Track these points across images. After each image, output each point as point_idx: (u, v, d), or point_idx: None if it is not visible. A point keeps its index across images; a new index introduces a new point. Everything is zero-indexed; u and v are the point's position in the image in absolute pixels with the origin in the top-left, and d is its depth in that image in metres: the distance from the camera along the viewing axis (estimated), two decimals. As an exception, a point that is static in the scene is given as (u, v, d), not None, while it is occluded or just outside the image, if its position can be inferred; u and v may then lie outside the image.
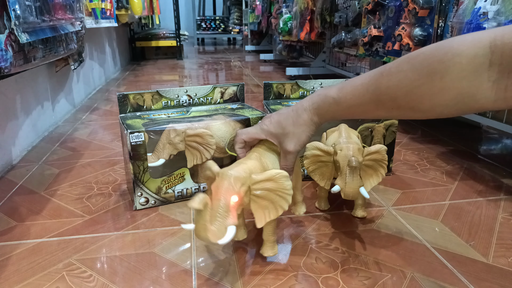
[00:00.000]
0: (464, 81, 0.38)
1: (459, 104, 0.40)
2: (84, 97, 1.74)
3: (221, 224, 0.46)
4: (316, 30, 1.94)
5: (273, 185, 0.51)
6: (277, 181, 0.51)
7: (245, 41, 4.24)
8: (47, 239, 0.64)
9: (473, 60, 0.38)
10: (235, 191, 0.48)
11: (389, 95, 0.44)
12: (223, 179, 0.49)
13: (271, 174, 0.51)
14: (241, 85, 0.88)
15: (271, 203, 0.52)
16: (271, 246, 0.58)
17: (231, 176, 0.49)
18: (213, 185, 0.50)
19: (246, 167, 0.52)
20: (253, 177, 0.51)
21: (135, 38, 3.18)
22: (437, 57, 0.40)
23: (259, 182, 0.51)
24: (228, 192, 0.48)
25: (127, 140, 0.68)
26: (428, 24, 1.02)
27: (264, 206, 0.52)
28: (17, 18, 0.77)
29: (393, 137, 0.86)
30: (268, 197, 0.52)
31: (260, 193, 0.51)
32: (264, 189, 0.51)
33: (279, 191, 0.52)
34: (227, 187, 0.48)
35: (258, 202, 0.52)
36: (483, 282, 0.53)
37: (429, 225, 0.68)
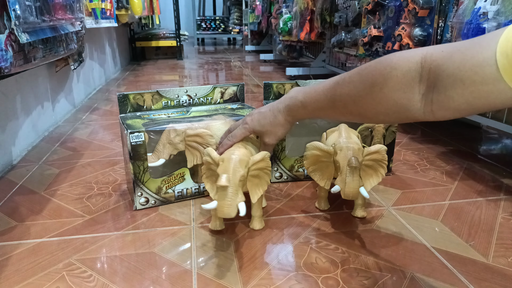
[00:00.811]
0: (399, 92, 0.43)
1: (396, 113, 0.44)
2: (84, 97, 1.74)
3: (233, 202, 0.54)
4: (316, 30, 1.95)
5: (263, 164, 0.60)
6: (266, 160, 0.60)
7: (245, 41, 4.24)
8: (47, 239, 0.64)
9: (407, 74, 0.42)
10: (241, 172, 0.55)
11: (342, 102, 0.50)
12: (230, 162, 0.56)
13: (263, 155, 0.60)
14: (241, 85, 0.88)
15: (260, 180, 0.61)
16: (259, 221, 0.67)
17: (237, 159, 0.56)
18: (221, 168, 0.56)
19: (244, 152, 0.59)
20: (252, 159, 0.59)
21: (135, 38, 3.18)
22: (379, 70, 0.44)
23: (256, 163, 0.59)
24: (236, 172, 0.55)
25: (127, 140, 0.68)
26: (428, 24, 1.02)
27: (256, 183, 0.61)
28: (17, 18, 0.77)
29: (393, 137, 0.86)
30: (259, 175, 0.60)
31: (254, 173, 0.59)
32: (257, 169, 0.60)
33: (266, 168, 0.61)
34: (235, 169, 0.55)
35: (252, 181, 0.60)
36: (483, 282, 0.53)
37: (429, 225, 0.68)
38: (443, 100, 0.39)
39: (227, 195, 0.53)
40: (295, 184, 0.85)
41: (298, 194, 0.80)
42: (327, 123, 0.83)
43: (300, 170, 0.85)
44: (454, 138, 1.15)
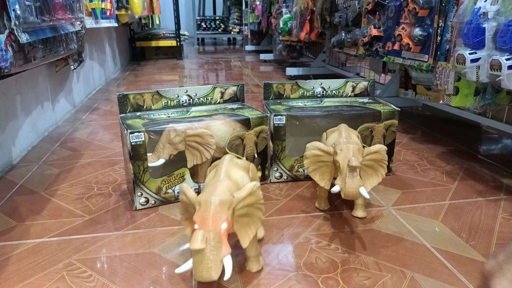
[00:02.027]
0: None
1: None
2: (84, 97, 1.74)
3: (216, 257, 0.43)
4: (316, 30, 1.94)
5: (252, 199, 0.49)
6: (255, 194, 0.49)
7: (245, 41, 4.24)
8: (47, 239, 0.64)
9: None
10: (223, 217, 0.44)
11: None
12: (208, 207, 0.45)
13: (250, 189, 0.48)
14: (241, 85, 0.88)
15: (250, 218, 0.49)
16: (256, 261, 0.56)
17: (216, 202, 0.45)
18: (197, 215, 0.45)
19: (225, 187, 0.48)
20: (237, 196, 0.47)
21: (135, 38, 3.17)
22: None
23: (242, 200, 0.48)
24: (217, 220, 0.44)
25: (127, 140, 0.68)
26: (428, 24, 1.02)
27: (245, 223, 0.49)
28: (17, 18, 0.77)
29: (393, 137, 0.86)
30: (248, 212, 0.49)
31: (242, 212, 0.48)
32: (246, 206, 0.48)
33: (256, 203, 0.50)
34: (215, 215, 0.44)
35: (240, 221, 0.48)
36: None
37: (429, 225, 0.68)
38: None
39: (204, 257, 0.42)
40: (295, 184, 0.85)
41: (298, 194, 0.80)
42: (327, 123, 0.83)
43: (300, 170, 0.85)
44: (454, 138, 1.15)
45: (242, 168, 0.57)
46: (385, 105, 0.86)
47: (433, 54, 1.00)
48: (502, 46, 0.71)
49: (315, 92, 0.90)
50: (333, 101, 0.90)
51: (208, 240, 0.43)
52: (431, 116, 1.41)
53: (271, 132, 0.81)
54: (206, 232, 0.43)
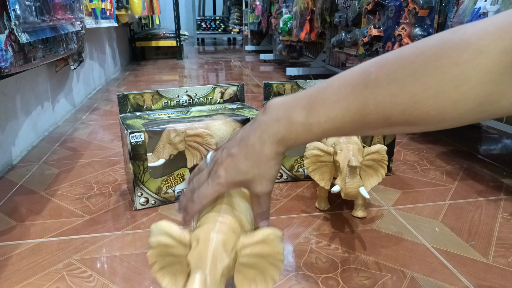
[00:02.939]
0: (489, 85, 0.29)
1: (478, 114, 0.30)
2: (84, 97, 1.74)
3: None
4: (316, 30, 1.95)
5: (265, 249, 0.37)
6: (270, 244, 0.37)
7: (245, 41, 4.24)
8: (47, 239, 0.64)
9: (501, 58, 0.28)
10: (225, 262, 0.35)
11: (380, 114, 0.33)
12: (206, 245, 0.35)
13: (265, 235, 0.37)
14: (241, 85, 0.88)
15: (260, 274, 0.38)
16: None
17: (218, 242, 0.35)
18: (192, 255, 0.35)
19: (229, 225, 0.38)
20: (243, 241, 0.37)
21: (135, 38, 3.18)
22: (449, 58, 0.29)
23: (250, 246, 0.37)
24: (217, 264, 0.34)
25: (127, 140, 0.68)
26: (428, 24, 1.02)
27: (251, 278, 0.38)
28: (17, 18, 0.77)
29: (393, 137, 0.86)
30: (257, 265, 0.37)
31: (248, 261, 0.37)
32: (254, 255, 0.37)
33: (272, 256, 0.37)
34: (215, 257, 0.34)
35: (244, 273, 0.37)
36: (483, 282, 0.53)
37: (429, 225, 0.68)
38: None
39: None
40: (295, 184, 0.85)
41: (298, 194, 0.80)
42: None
43: (300, 170, 0.85)
44: (454, 138, 1.15)
45: (247, 198, 0.44)
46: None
47: (433, 54, 1.00)
48: (502, 46, 0.71)
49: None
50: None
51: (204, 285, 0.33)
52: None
53: None
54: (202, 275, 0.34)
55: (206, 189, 0.41)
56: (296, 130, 0.37)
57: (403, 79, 0.31)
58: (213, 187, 0.40)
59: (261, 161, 0.39)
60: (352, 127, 0.35)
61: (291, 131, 0.37)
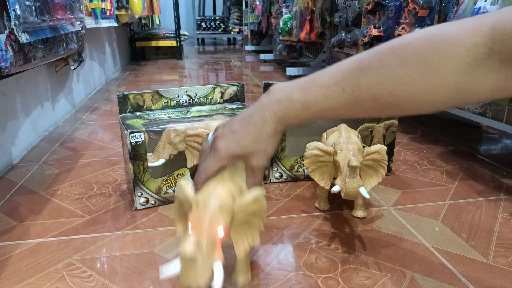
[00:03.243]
0: (461, 74, 0.34)
1: (454, 99, 0.36)
2: (84, 97, 1.74)
3: (207, 265, 0.39)
4: (316, 30, 1.95)
5: (255, 207, 0.44)
6: (259, 202, 0.45)
7: (245, 41, 4.24)
8: (47, 239, 0.64)
9: (472, 50, 0.33)
10: (221, 222, 0.40)
11: (371, 95, 0.38)
12: (205, 209, 0.41)
13: (255, 196, 0.44)
14: (241, 85, 0.88)
15: (250, 228, 0.46)
16: (245, 272, 0.52)
17: (216, 206, 0.41)
18: (193, 216, 0.41)
19: (228, 190, 0.44)
20: (239, 202, 0.43)
21: (135, 38, 3.18)
22: (431, 48, 0.35)
23: (245, 206, 0.43)
24: (214, 224, 0.40)
25: (127, 140, 0.68)
26: (428, 24, 1.02)
27: (244, 232, 0.45)
28: (17, 18, 0.77)
29: (393, 137, 0.86)
30: (248, 221, 0.45)
31: (242, 219, 0.44)
32: (247, 213, 0.44)
33: (259, 212, 0.45)
34: (212, 219, 0.40)
35: (237, 229, 0.44)
36: (483, 282, 0.53)
37: (429, 225, 0.68)
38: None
39: (194, 264, 0.38)
40: (295, 184, 0.85)
41: (298, 194, 0.80)
42: (327, 123, 0.83)
43: (300, 170, 0.85)
44: (454, 138, 1.15)
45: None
46: None
47: (433, 54, 1.00)
48: (502, 46, 0.71)
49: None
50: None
51: (201, 245, 0.39)
52: (431, 116, 1.41)
53: None
54: (200, 236, 0.39)
55: (209, 162, 0.46)
56: (296, 108, 0.42)
57: (393, 64, 0.36)
58: (214, 159, 0.46)
59: (260, 138, 0.44)
60: (346, 107, 0.40)
61: (291, 110, 0.42)
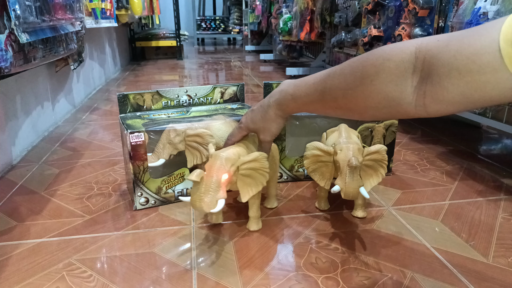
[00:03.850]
0: (391, 84, 0.41)
1: (387, 107, 0.43)
2: (84, 97, 1.74)
3: (212, 197, 0.54)
4: (316, 30, 1.95)
5: (256, 165, 0.60)
6: (259, 161, 0.60)
7: (245, 41, 4.23)
8: (47, 239, 0.64)
9: (400, 65, 0.40)
10: (226, 169, 0.56)
11: (331, 95, 0.48)
12: (216, 159, 0.56)
13: (255, 156, 0.60)
14: (241, 85, 0.88)
15: (253, 180, 0.60)
16: (256, 222, 0.67)
17: (223, 157, 0.57)
18: (207, 164, 0.57)
19: (236, 151, 0.60)
20: (242, 158, 0.59)
21: (135, 38, 3.17)
22: (371, 61, 0.43)
23: (246, 163, 0.59)
24: (220, 170, 0.55)
25: (127, 140, 0.68)
26: (428, 24, 1.02)
27: (248, 183, 0.60)
28: (17, 18, 0.77)
29: (393, 137, 0.86)
30: (252, 175, 0.60)
31: (245, 172, 0.59)
32: (249, 169, 0.59)
33: (260, 169, 0.60)
34: (219, 166, 0.56)
35: (243, 180, 0.60)
36: (483, 282, 0.53)
37: (429, 225, 0.68)
38: (437, 91, 0.37)
39: (200, 189, 0.54)
40: (295, 184, 0.85)
41: (298, 194, 0.80)
42: (327, 123, 0.83)
43: (300, 170, 0.85)
44: (454, 138, 1.15)
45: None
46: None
47: (433, 54, 1.00)
48: (502, 46, 0.71)
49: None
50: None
51: (210, 183, 0.54)
52: (431, 116, 1.41)
53: None
54: (209, 177, 0.54)
55: (234, 131, 0.66)
56: (288, 99, 0.56)
57: (346, 72, 0.46)
58: (238, 129, 0.65)
59: (266, 118, 0.60)
60: (317, 104, 0.52)
61: (285, 100, 0.56)
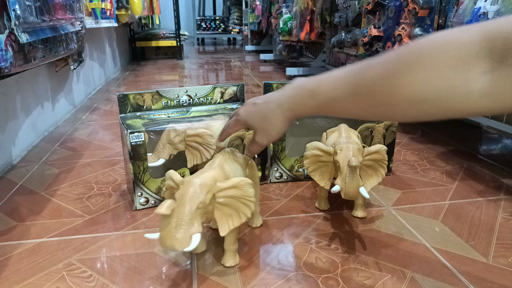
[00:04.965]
0: (451, 71, 0.35)
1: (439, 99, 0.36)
2: (84, 97, 1.74)
3: (186, 232, 0.46)
4: (316, 30, 1.95)
5: (237, 192, 0.51)
6: (241, 188, 0.51)
7: (245, 41, 4.23)
8: (47, 239, 0.64)
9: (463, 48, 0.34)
10: (200, 198, 0.48)
11: (368, 88, 0.41)
12: (189, 187, 0.48)
13: (235, 182, 0.51)
14: (241, 85, 0.88)
15: (234, 211, 0.52)
16: (232, 256, 0.57)
17: (197, 184, 0.49)
18: (178, 193, 0.49)
19: (210, 175, 0.51)
20: (218, 184, 0.50)
21: (135, 38, 3.17)
22: (425, 46, 0.37)
23: (224, 190, 0.51)
24: (194, 199, 0.48)
25: (127, 140, 0.68)
26: (428, 24, 1.02)
27: (227, 213, 0.52)
28: (17, 18, 0.77)
29: (393, 137, 0.86)
30: (232, 204, 0.51)
31: (224, 201, 0.51)
32: (228, 197, 0.51)
33: (243, 198, 0.52)
34: (193, 195, 0.48)
35: (222, 210, 0.51)
36: (483, 282, 0.53)
37: (429, 225, 0.68)
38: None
39: (170, 225, 0.46)
40: (295, 184, 0.85)
41: (298, 194, 0.80)
42: (327, 123, 0.83)
43: (300, 170, 0.85)
44: (454, 138, 1.15)
45: (240, 163, 0.59)
46: None
47: (433, 54, 1.00)
48: (502, 46, 0.71)
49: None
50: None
51: (182, 215, 0.46)
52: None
53: None
54: (181, 208, 0.47)
55: (230, 122, 0.57)
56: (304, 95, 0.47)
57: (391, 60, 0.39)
58: (234, 121, 0.56)
59: (269, 118, 0.51)
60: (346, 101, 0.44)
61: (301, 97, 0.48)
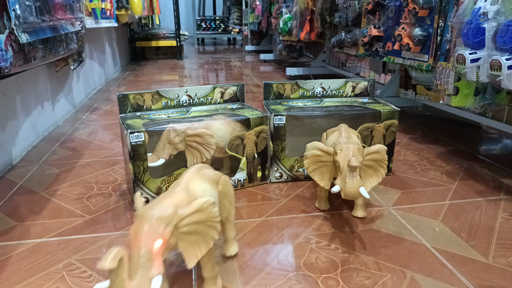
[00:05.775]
0: None
1: None
2: (84, 97, 1.74)
3: (143, 278, 0.39)
4: (316, 30, 1.94)
5: (201, 216, 0.45)
6: (204, 211, 0.45)
7: (245, 41, 4.23)
8: (47, 239, 0.64)
9: None
10: (158, 234, 0.41)
11: None
12: (143, 222, 0.41)
13: (197, 205, 0.45)
14: (241, 85, 0.88)
15: (201, 237, 0.46)
16: (213, 283, 0.52)
17: (153, 218, 0.42)
18: (132, 230, 0.41)
19: (170, 202, 0.44)
20: (180, 213, 0.44)
21: (135, 38, 3.17)
22: None
23: (187, 217, 0.44)
24: (150, 236, 0.40)
25: (127, 140, 0.68)
26: (428, 24, 1.02)
27: (193, 242, 0.45)
28: (17, 18, 0.77)
29: (393, 137, 0.86)
30: (197, 231, 0.45)
31: (188, 229, 0.44)
32: (193, 223, 0.45)
33: (208, 221, 0.46)
34: (149, 231, 0.41)
35: (186, 240, 0.45)
36: (483, 282, 0.53)
37: (429, 225, 0.68)
38: None
39: (121, 272, 0.38)
40: (295, 184, 0.85)
41: (298, 194, 0.80)
42: (327, 123, 0.83)
43: (300, 170, 0.85)
44: (454, 138, 1.15)
45: (210, 180, 0.53)
46: (385, 105, 0.86)
47: (433, 54, 1.00)
48: (502, 46, 0.71)
49: (315, 92, 0.90)
50: (333, 101, 0.90)
51: (137, 258, 0.39)
52: (431, 116, 1.41)
53: (271, 132, 0.81)
54: (136, 250, 0.40)
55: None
56: None
57: None
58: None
59: None
60: None
61: None
